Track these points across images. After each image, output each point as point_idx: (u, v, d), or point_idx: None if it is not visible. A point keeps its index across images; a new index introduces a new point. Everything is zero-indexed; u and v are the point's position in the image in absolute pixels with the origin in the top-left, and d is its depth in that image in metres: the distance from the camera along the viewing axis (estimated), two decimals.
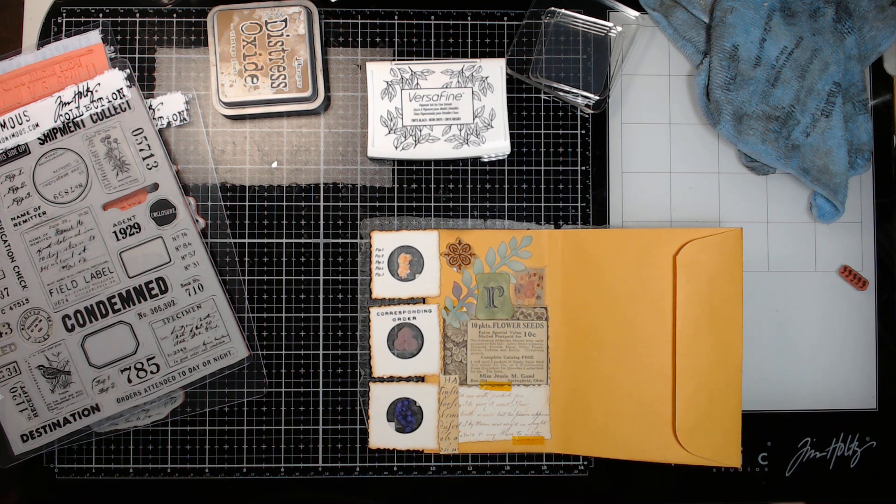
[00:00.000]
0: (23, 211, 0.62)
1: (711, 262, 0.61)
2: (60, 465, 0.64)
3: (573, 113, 0.67)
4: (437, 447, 0.64)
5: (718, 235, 0.61)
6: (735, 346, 0.61)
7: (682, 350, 0.61)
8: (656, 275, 0.63)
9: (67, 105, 0.63)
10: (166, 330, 0.63)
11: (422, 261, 0.65)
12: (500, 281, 0.65)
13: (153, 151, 0.63)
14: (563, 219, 0.66)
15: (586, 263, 0.64)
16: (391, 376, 0.65)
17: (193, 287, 0.63)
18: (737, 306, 0.61)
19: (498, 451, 0.64)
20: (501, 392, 0.65)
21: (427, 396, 0.65)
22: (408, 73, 0.65)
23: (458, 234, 0.65)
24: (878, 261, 0.67)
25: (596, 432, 0.63)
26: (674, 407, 0.62)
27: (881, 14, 0.64)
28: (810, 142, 0.63)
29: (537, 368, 0.65)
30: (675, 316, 0.62)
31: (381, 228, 0.65)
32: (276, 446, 0.64)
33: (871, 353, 0.66)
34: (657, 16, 0.66)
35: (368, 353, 0.65)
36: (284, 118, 0.66)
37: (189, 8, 0.66)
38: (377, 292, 0.65)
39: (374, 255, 0.65)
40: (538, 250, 0.65)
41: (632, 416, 0.63)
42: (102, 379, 0.62)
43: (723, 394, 0.61)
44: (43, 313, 0.62)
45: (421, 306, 0.65)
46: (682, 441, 0.62)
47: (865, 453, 0.66)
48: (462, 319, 0.65)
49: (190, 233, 0.63)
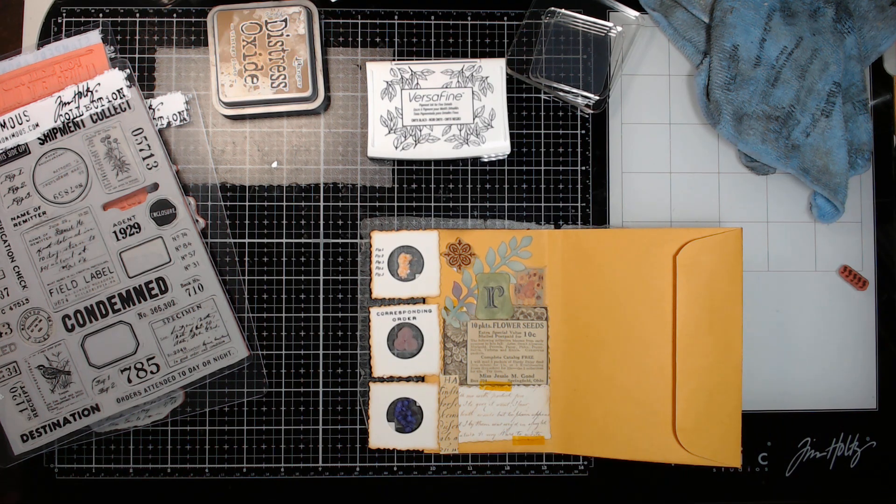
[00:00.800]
0: (23, 211, 0.62)
1: (711, 262, 0.61)
2: (60, 465, 0.64)
3: (573, 113, 0.67)
4: (437, 447, 0.64)
5: (718, 235, 0.61)
6: (735, 346, 0.61)
7: (682, 350, 0.61)
8: (656, 275, 0.63)
9: (67, 105, 0.63)
10: (166, 330, 0.63)
11: (422, 261, 0.65)
12: (500, 281, 0.65)
13: (153, 151, 0.63)
14: (563, 219, 0.66)
15: (586, 263, 0.64)
16: (391, 376, 0.65)
17: (193, 287, 0.63)
18: (737, 306, 0.61)
19: (498, 451, 0.64)
20: (501, 392, 0.65)
21: (427, 396, 0.65)
22: (408, 73, 0.65)
23: (458, 234, 0.65)
24: (878, 261, 0.67)
25: (596, 432, 0.63)
26: (674, 407, 0.62)
27: (881, 14, 0.64)
28: (810, 142, 0.63)
29: (537, 368, 0.65)
30: (675, 316, 0.62)
31: (381, 228, 0.65)
32: (276, 446, 0.64)
33: (871, 353, 0.66)
34: (657, 16, 0.66)
35: (368, 353, 0.65)
36: (284, 118, 0.66)
37: (189, 8, 0.66)
38: (377, 292, 0.65)
39: (374, 255, 0.65)
40: (538, 250, 0.65)
41: (632, 416, 0.63)
42: (102, 379, 0.62)
43: (723, 394, 0.61)
44: (43, 313, 0.62)
45: (421, 306, 0.65)
46: (682, 441, 0.62)
47: (865, 453, 0.66)
48: (462, 319, 0.65)
49: (190, 233, 0.63)
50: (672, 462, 0.62)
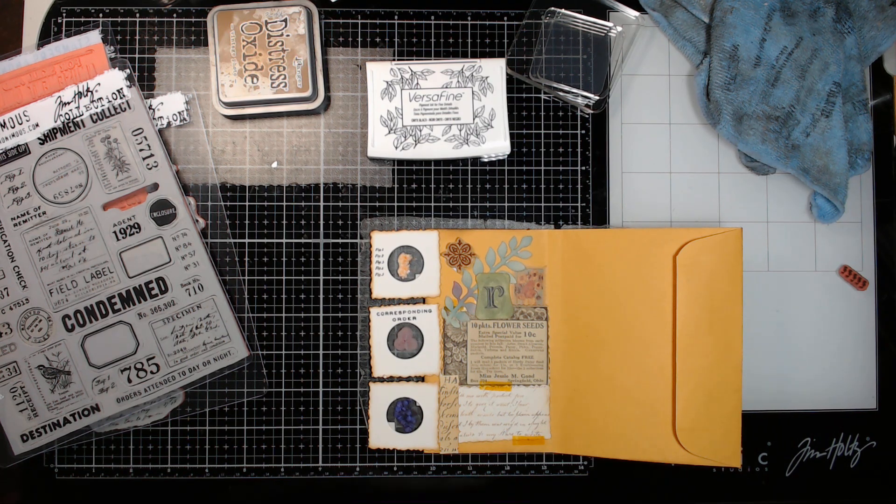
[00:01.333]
0: (23, 211, 0.62)
1: (711, 262, 0.61)
2: (60, 465, 0.64)
3: (573, 113, 0.67)
4: (437, 447, 0.64)
5: (718, 235, 0.61)
6: (735, 346, 0.61)
7: (682, 350, 0.61)
8: (656, 275, 0.63)
9: (67, 105, 0.63)
10: (166, 330, 0.63)
11: (422, 261, 0.65)
12: (500, 281, 0.65)
13: (153, 151, 0.63)
14: (563, 219, 0.66)
15: (586, 263, 0.64)
16: (391, 376, 0.65)
17: (193, 287, 0.63)
18: (737, 306, 0.61)
19: (498, 450, 0.64)
20: (501, 392, 0.65)
21: (427, 396, 0.65)
22: (408, 73, 0.65)
23: (458, 234, 0.65)
24: (878, 261, 0.67)
25: (596, 432, 0.63)
26: (674, 407, 0.62)
27: (881, 14, 0.64)
28: (810, 142, 0.63)
29: (537, 368, 0.65)
30: (675, 316, 0.62)
31: (381, 228, 0.65)
32: (276, 446, 0.64)
33: (871, 353, 0.66)
34: (657, 16, 0.66)
35: (368, 353, 0.65)
36: (284, 118, 0.66)
37: (189, 8, 0.66)
38: (377, 292, 0.65)
39: (374, 254, 0.65)
40: (538, 250, 0.65)
41: (632, 416, 0.63)
42: (102, 379, 0.62)
43: (723, 393, 0.61)
44: (43, 313, 0.62)
45: (421, 306, 0.65)
46: (682, 441, 0.62)
47: (865, 453, 0.66)
48: (462, 319, 0.65)
49: (190, 233, 0.63)
50: (672, 462, 0.62)
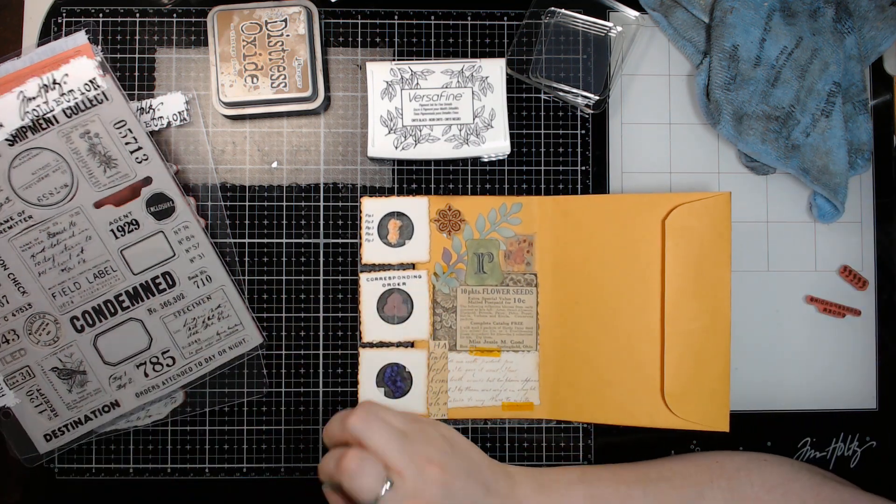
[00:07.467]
0: (6, 217, 0.60)
1: (700, 226, 0.61)
2: (60, 465, 0.64)
3: (573, 113, 0.67)
4: (426, 413, 0.64)
5: (707, 199, 0.61)
6: (723, 310, 0.61)
7: (670, 314, 0.61)
8: (646, 239, 0.62)
9: (33, 101, 0.60)
10: (178, 323, 0.62)
11: (412, 227, 0.65)
12: (489, 247, 0.65)
13: (140, 144, 0.62)
14: None
15: (576, 229, 0.64)
16: (381, 342, 0.65)
17: (201, 279, 0.62)
18: (725, 270, 0.61)
19: (487, 416, 0.65)
20: (491, 358, 0.65)
21: (417, 362, 0.65)
22: (408, 73, 0.65)
23: (448, 201, 0.65)
24: (878, 261, 0.67)
25: (585, 398, 0.63)
26: (662, 371, 0.62)
27: (881, 14, 0.64)
28: (810, 142, 0.63)
29: (526, 334, 0.65)
30: (663, 280, 0.62)
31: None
32: (276, 446, 0.64)
33: (871, 353, 0.66)
34: (657, 16, 0.66)
35: (358, 318, 0.65)
36: (284, 118, 0.66)
37: (189, 8, 0.66)
38: (367, 258, 0.65)
39: (363, 220, 0.65)
40: (528, 217, 0.65)
41: (620, 381, 0.63)
42: (119, 375, 0.62)
43: (711, 358, 0.61)
44: (49, 317, 0.61)
45: (411, 272, 0.65)
46: (671, 405, 0.61)
47: (865, 453, 0.66)
48: (451, 285, 0.65)
49: (191, 225, 0.63)
50: (661, 426, 0.62)
